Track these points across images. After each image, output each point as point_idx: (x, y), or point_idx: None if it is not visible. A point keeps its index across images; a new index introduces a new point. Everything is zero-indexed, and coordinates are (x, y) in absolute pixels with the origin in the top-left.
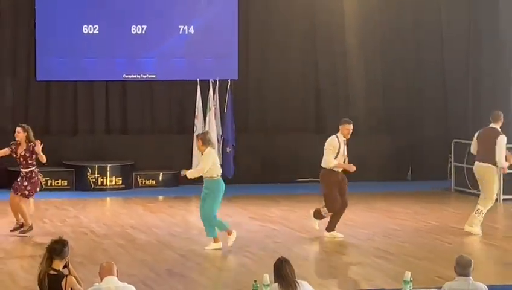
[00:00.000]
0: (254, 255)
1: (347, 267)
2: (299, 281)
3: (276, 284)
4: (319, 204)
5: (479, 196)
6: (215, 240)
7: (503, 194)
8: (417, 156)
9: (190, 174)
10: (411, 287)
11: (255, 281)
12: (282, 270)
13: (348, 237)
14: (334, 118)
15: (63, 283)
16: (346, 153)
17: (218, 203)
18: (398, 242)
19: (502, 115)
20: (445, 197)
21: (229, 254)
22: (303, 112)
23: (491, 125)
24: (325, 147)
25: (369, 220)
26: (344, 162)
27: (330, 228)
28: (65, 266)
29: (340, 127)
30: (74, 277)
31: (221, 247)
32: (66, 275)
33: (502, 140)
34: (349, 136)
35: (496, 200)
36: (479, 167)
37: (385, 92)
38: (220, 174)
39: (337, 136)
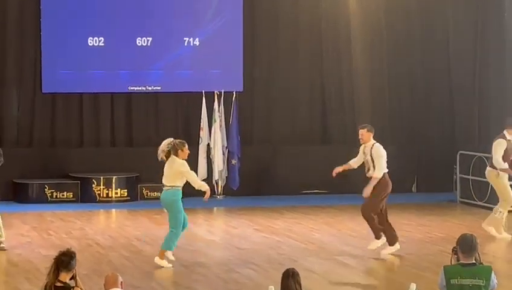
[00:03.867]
0: (259, 267)
1: (352, 278)
2: None
3: None
4: (325, 215)
5: (484, 208)
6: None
7: None
8: (422, 168)
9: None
10: None
11: None
12: (287, 285)
13: (353, 248)
14: (340, 129)
15: None
16: (367, 158)
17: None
18: (403, 254)
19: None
20: (450, 209)
21: (234, 266)
22: (308, 123)
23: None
24: None
25: None
26: (367, 167)
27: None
28: (72, 278)
29: None
30: (80, 289)
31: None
32: (73, 287)
33: (495, 142)
34: (362, 141)
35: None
36: (486, 171)
37: (391, 103)
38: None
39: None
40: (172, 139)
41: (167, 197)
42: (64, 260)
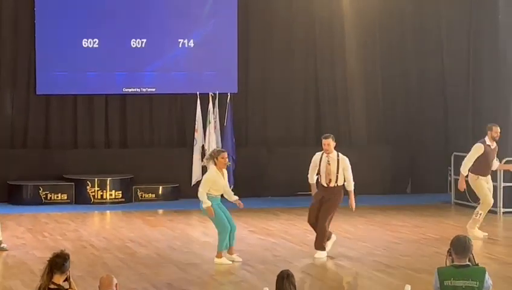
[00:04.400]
0: (254, 269)
1: (347, 280)
2: None
3: None
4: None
5: None
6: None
7: (504, 207)
8: (417, 169)
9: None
10: None
11: None
12: (281, 285)
13: (348, 250)
14: (334, 131)
15: None
16: (333, 170)
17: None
18: (398, 255)
19: (489, 127)
20: (445, 210)
21: (229, 268)
22: (303, 125)
23: None
24: None
25: (369, 233)
26: (329, 178)
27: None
28: (66, 280)
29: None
30: None
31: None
32: (67, 289)
33: (473, 146)
34: (327, 151)
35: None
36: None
37: (385, 105)
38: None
39: (322, 153)
40: (215, 148)
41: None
42: (58, 262)
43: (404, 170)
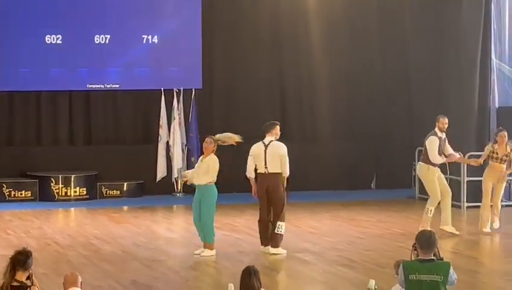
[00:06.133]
0: (219, 265)
1: (312, 275)
2: None
3: None
4: (285, 213)
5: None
6: (212, 247)
7: (467, 201)
8: (381, 164)
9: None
10: None
11: None
12: (248, 282)
13: (313, 245)
14: (299, 126)
15: None
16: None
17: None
18: (362, 250)
19: (437, 118)
20: (409, 205)
21: (194, 264)
22: (267, 121)
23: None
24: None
25: (333, 228)
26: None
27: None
28: (28, 278)
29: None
30: (37, 288)
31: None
32: (29, 286)
33: (428, 140)
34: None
35: (460, 207)
36: (417, 166)
37: (350, 101)
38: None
39: (263, 142)
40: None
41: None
42: (20, 259)
43: (368, 165)
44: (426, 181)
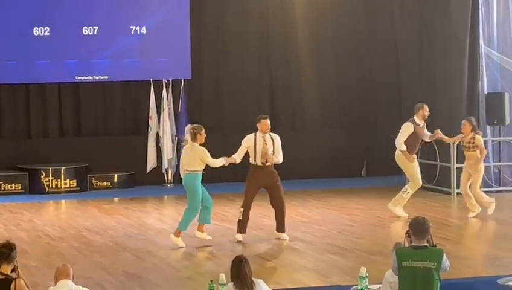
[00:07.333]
0: (210, 255)
1: (303, 264)
2: (254, 279)
3: (232, 283)
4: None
5: (433, 191)
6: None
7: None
8: (371, 152)
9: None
10: (367, 283)
11: (211, 280)
12: (239, 270)
13: (304, 234)
14: (289, 115)
15: (12, 286)
16: (269, 149)
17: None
18: (354, 238)
19: (420, 106)
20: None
21: (185, 254)
22: (257, 110)
23: None
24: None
25: (324, 216)
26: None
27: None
28: (13, 270)
29: (258, 125)
30: (23, 280)
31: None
32: (15, 279)
33: (403, 125)
34: (267, 131)
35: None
36: (395, 153)
37: (339, 89)
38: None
39: (255, 134)
40: (189, 125)
41: (188, 181)
42: (4, 252)
43: (358, 153)
44: (404, 167)
